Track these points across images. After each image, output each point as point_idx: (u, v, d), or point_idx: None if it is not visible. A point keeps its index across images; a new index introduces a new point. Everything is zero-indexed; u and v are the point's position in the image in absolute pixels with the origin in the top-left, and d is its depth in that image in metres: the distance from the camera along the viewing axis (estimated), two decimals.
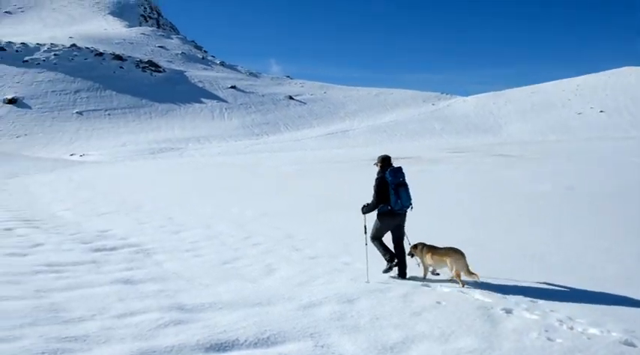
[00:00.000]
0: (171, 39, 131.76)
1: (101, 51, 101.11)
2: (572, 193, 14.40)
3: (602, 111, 71.43)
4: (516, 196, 14.16)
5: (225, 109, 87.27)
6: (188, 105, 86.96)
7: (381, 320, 4.98)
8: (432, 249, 6.43)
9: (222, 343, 4.39)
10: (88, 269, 6.92)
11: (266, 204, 13.81)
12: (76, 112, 77.65)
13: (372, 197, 6.56)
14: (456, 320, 4.98)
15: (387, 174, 6.44)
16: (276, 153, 46.58)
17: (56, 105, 78.65)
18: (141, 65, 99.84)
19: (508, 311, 5.20)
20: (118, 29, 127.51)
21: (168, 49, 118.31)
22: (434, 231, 9.16)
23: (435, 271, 6.68)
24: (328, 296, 5.70)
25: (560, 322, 4.89)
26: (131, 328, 4.70)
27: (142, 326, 4.73)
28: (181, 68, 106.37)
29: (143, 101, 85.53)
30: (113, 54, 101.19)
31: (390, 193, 6.38)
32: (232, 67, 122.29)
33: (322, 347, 4.40)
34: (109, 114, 79.08)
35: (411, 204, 6.50)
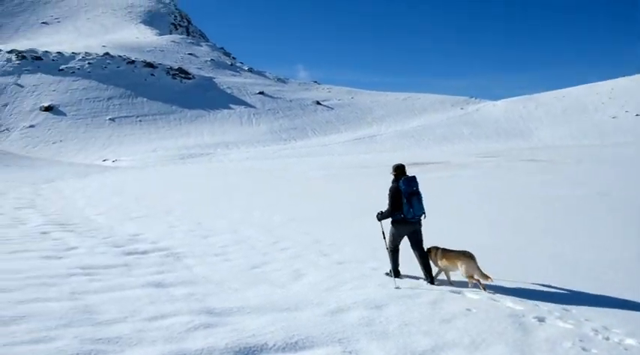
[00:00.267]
0: (201, 46, 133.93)
1: (133, 59, 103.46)
2: (605, 199, 14.03)
3: (638, 115, 69.45)
4: (548, 201, 13.86)
5: (254, 115, 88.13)
6: (217, 111, 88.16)
7: (409, 327, 4.94)
8: (445, 253, 6.50)
9: (250, 347, 4.41)
10: (121, 272, 7.06)
11: (294, 209, 13.86)
12: (109, 119, 79.59)
13: (387, 205, 6.68)
14: (487, 328, 4.90)
15: (400, 183, 6.56)
16: (304, 159, 46.74)
17: (90, 112, 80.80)
18: (171, 72, 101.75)
19: (540, 319, 5.09)
20: (149, 37, 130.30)
21: (197, 56, 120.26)
22: (464, 237, 9.04)
23: (449, 278, 6.62)
24: (356, 301, 5.68)
25: (596, 332, 4.76)
26: (162, 331, 4.77)
27: (173, 329, 4.80)
28: (210, 75, 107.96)
29: (173, 107, 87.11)
30: (144, 61, 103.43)
31: (402, 202, 6.50)
32: (260, 73, 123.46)
33: (350, 352, 4.38)
34: (140, 120, 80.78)
35: (423, 213, 6.58)
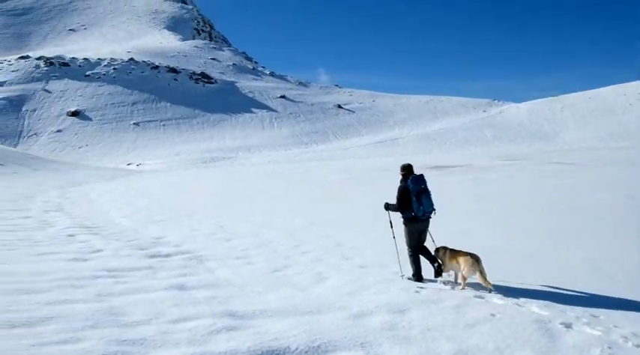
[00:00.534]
0: (223, 51, 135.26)
1: (157, 64, 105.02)
2: (633, 202, 13.70)
3: None
4: (574, 205, 13.60)
5: (275, 119, 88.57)
6: (239, 115, 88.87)
7: (432, 332, 4.89)
8: (452, 252, 6.61)
9: (273, 350, 4.42)
10: (145, 274, 7.15)
11: (315, 213, 13.87)
12: (133, 123, 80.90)
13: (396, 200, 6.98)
14: (512, 333, 4.82)
15: (408, 182, 6.75)
16: (325, 162, 46.76)
17: (115, 117, 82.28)
18: (194, 77, 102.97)
19: (567, 325, 4.98)
20: (173, 43, 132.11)
21: (220, 61, 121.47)
22: (489, 240, 8.93)
23: (456, 279, 6.66)
24: (379, 305, 5.65)
25: (625, 339, 4.64)
26: (185, 333, 4.81)
27: (196, 332, 4.84)
28: (232, 79, 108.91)
29: (196, 111, 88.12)
30: (168, 67, 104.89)
31: (412, 200, 6.67)
32: (282, 77, 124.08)
33: None
34: (164, 124, 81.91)
35: (433, 210, 6.77)
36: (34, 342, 4.42)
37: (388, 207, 7.09)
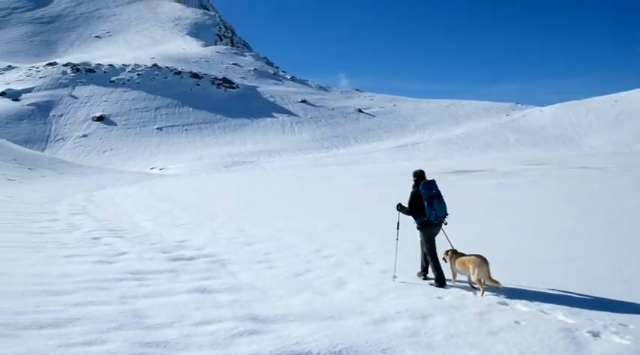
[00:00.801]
0: (245, 56, 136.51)
1: (179, 70, 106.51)
2: None
3: None
4: (600, 211, 13.32)
5: (296, 123, 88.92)
6: (260, 119, 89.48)
7: (456, 339, 4.83)
8: (460, 255, 6.65)
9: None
10: (168, 277, 7.22)
11: (336, 217, 13.85)
12: (156, 128, 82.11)
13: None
14: (537, 341, 4.73)
15: (420, 188, 6.85)
16: (346, 166, 46.70)
17: (138, 122, 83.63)
18: (216, 82, 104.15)
19: (595, 334, 4.87)
20: (195, 49, 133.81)
21: (241, 66, 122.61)
22: (512, 245, 8.80)
23: (470, 280, 6.63)
24: (400, 311, 5.61)
25: None
26: (207, 336, 4.84)
27: (218, 335, 4.86)
28: (254, 84, 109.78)
29: (218, 116, 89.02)
30: (190, 72, 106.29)
31: (424, 206, 6.75)
32: (303, 82, 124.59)
33: None
34: (186, 129, 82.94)
35: (446, 214, 6.81)
36: (61, 343, 4.51)
37: (401, 209, 7.16)
